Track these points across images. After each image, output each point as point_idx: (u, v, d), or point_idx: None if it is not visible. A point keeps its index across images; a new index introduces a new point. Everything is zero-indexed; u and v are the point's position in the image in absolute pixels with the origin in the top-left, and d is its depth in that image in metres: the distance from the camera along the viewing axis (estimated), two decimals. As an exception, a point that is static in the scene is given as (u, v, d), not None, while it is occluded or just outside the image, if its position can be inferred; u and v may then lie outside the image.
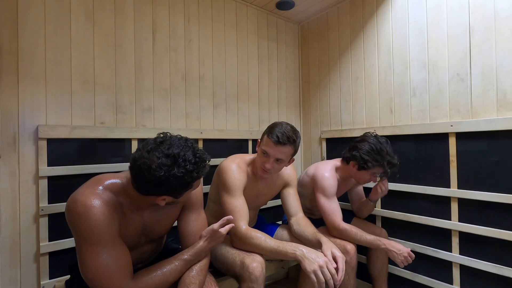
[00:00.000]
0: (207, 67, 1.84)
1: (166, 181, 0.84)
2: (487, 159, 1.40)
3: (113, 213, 0.89)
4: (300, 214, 1.41)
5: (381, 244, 1.39)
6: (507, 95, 1.33)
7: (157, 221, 1.06)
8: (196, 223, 1.10)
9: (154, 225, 1.06)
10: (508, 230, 1.32)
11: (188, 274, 0.99)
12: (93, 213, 0.84)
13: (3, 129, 1.20)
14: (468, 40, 1.44)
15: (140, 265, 1.12)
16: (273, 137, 1.23)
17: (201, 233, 1.06)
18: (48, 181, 1.29)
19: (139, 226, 1.01)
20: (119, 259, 0.87)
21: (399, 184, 1.71)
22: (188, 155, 0.87)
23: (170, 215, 1.10)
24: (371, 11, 1.87)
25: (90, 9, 1.42)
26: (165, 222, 1.10)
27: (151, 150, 0.86)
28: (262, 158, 1.29)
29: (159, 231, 1.10)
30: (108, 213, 0.87)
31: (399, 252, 1.37)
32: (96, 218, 0.84)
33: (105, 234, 0.85)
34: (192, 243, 1.05)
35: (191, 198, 1.09)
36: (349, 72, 2.02)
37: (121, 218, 0.93)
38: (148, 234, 1.07)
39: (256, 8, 2.10)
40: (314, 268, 1.04)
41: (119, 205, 0.93)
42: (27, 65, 1.25)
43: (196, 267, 1.01)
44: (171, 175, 0.84)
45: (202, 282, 0.99)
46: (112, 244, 0.87)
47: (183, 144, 0.90)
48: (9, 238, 1.21)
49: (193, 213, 1.11)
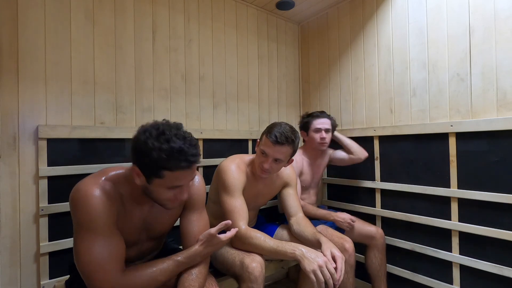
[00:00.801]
0: (207, 67, 1.84)
1: (143, 146, 0.83)
2: (487, 159, 1.40)
3: (113, 204, 0.90)
4: (300, 214, 1.41)
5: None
6: (507, 95, 1.33)
7: (157, 217, 1.06)
8: (197, 224, 1.08)
9: (155, 221, 1.06)
10: (508, 230, 1.32)
11: (187, 278, 0.97)
12: (92, 201, 0.85)
13: (3, 129, 1.20)
14: (468, 40, 1.44)
15: (139, 262, 1.11)
16: (272, 137, 1.23)
17: (204, 231, 1.04)
18: (48, 181, 1.29)
19: (139, 220, 1.01)
20: (113, 250, 0.87)
21: (399, 184, 1.71)
22: (175, 139, 0.83)
23: (171, 213, 1.09)
24: (371, 11, 1.87)
25: (90, 9, 1.42)
26: (165, 219, 1.09)
27: (152, 124, 0.88)
28: (260, 158, 1.29)
29: (159, 228, 1.10)
30: (108, 204, 0.88)
31: (343, 220, 1.59)
32: (95, 207, 0.85)
33: (103, 224, 0.86)
34: (192, 244, 1.03)
35: (192, 198, 1.08)
36: (349, 72, 2.02)
37: (121, 210, 0.94)
38: (149, 231, 1.07)
39: (256, 8, 2.10)
40: (313, 268, 1.04)
41: (120, 196, 0.94)
42: (27, 65, 1.25)
43: (195, 271, 0.99)
44: (149, 143, 0.82)
45: (201, 286, 0.98)
46: (109, 234, 0.87)
47: (181, 133, 0.87)
48: (9, 238, 1.21)
49: (195, 214, 1.09)
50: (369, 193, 1.89)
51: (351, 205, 1.98)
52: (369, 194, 1.88)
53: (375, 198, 1.84)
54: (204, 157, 1.79)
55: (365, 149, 1.84)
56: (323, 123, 1.75)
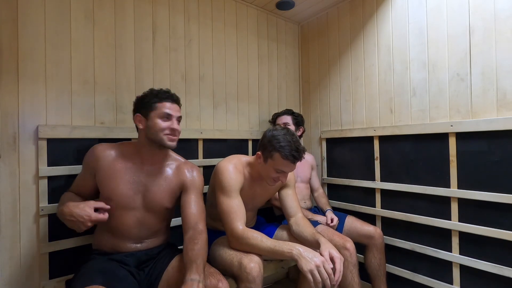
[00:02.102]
0: (207, 67, 1.84)
1: (141, 98, 1.19)
2: (487, 159, 1.39)
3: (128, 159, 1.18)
4: (299, 214, 1.41)
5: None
6: (507, 95, 1.33)
7: (154, 183, 1.18)
8: (196, 205, 1.19)
9: (151, 186, 1.17)
10: (508, 230, 1.32)
11: (193, 247, 1.07)
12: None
13: (3, 129, 1.20)
14: (468, 40, 1.44)
15: (139, 245, 1.18)
16: (289, 158, 1.22)
17: (202, 214, 1.18)
18: (48, 181, 1.29)
19: (134, 178, 1.16)
20: None
21: (399, 184, 1.71)
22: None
23: (168, 183, 1.20)
24: (371, 11, 1.87)
25: (90, 9, 1.42)
26: (162, 189, 1.18)
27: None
28: (273, 174, 1.28)
29: (155, 197, 1.17)
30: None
31: (324, 222, 1.66)
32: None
33: None
34: (193, 223, 1.14)
35: (192, 182, 1.22)
36: (349, 72, 2.02)
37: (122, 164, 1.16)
38: (144, 196, 1.16)
39: (256, 8, 2.10)
40: (310, 268, 1.04)
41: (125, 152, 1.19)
42: (27, 65, 1.25)
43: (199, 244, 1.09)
44: (145, 94, 1.20)
45: (202, 254, 1.07)
46: None
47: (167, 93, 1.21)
48: (9, 238, 1.21)
49: (194, 195, 1.21)
50: (369, 193, 1.88)
51: (351, 205, 1.98)
52: (369, 194, 1.88)
53: (375, 198, 1.84)
54: (204, 157, 1.79)
55: (365, 149, 1.84)
56: (281, 119, 1.95)
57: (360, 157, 1.94)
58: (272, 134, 1.28)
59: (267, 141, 1.28)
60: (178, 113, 1.20)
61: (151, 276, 1.12)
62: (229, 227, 1.21)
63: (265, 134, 1.32)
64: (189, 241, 1.09)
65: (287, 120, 1.93)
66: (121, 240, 1.16)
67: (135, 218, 1.15)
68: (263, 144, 1.30)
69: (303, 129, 2.01)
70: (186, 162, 1.29)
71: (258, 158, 1.32)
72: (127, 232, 1.15)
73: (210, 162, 1.79)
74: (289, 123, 1.92)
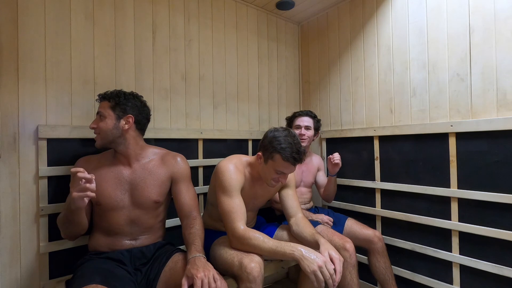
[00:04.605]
0: (207, 67, 1.84)
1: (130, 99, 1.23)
2: (487, 159, 1.39)
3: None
4: (300, 214, 1.41)
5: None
6: (507, 95, 1.33)
7: (140, 179, 1.20)
8: (188, 193, 1.27)
9: (137, 183, 1.19)
10: (508, 230, 1.32)
11: (190, 231, 1.18)
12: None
13: (3, 129, 1.20)
14: (468, 40, 1.44)
15: (134, 241, 1.20)
16: (290, 160, 1.22)
17: (193, 201, 1.27)
18: (48, 181, 1.29)
19: (120, 179, 1.19)
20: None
21: (399, 184, 1.71)
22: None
23: (155, 176, 1.23)
24: (371, 11, 1.87)
25: (90, 9, 1.42)
26: (149, 183, 1.21)
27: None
28: (274, 175, 1.29)
29: (143, 193, 1.19)
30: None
31: (321, 220, 1.66)
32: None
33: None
34: (187, 212, 1.24)
35: (179, 171, 1.27)
36: (349, 72, 2.02)
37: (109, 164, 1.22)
38: (131, 194, 1.19)
39: (256, 8, 2.10)
40: (313, 269, 1.04)
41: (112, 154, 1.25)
42: (27, 65, 1.25)
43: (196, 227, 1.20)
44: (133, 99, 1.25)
45: (199, 234, 1.18)
46: None
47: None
48: (9, 238, 1.21)
49: (184, 184, 1.27)
50: (369, 193, 1.89)
51: (351, 205, 1.98)
52: (369, 194, 1.88)
53: (375, 198, 1.84)
54: (204, 157, 1.79)
55: (365, 149, 1.83)
56: (303, 120, 1.87)
57: (360, 157, 1.94)
58: (273, 135, 1.28)
59: (268, 142, 1.28)
60: (101, 109, 1.20)
61: (149, 277, 1.13)
62: (230, 227, 1.21)
63: (266, 135, 1.32)
64: (185, 228, 1.21)
65: (309, 123, 1.87)
66: (116, 239, 1.18)
67: (125, 217, 1.18)
68: (264, 145, 1.30)
69: (319, 134, 1.99)
70: (168, 152, 1.31)
71: (259, 158, 1.32)
72: (120, 231, 1.18)
73: (210, 162, 1.79)
74: (310, 127, 1.86)
